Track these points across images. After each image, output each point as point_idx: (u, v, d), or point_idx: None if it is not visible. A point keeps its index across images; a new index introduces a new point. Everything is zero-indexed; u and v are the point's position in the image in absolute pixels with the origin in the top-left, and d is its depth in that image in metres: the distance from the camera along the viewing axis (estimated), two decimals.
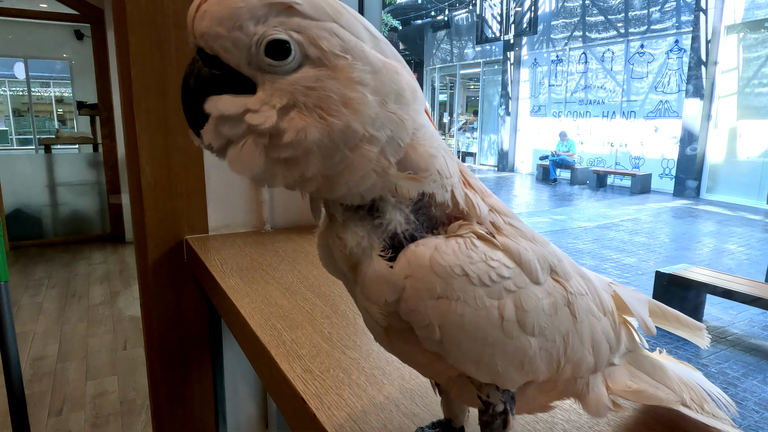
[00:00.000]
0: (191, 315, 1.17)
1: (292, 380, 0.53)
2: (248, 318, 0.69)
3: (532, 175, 13.89)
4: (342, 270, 0.34)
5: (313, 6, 0.28)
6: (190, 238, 1.12)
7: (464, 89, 17.87)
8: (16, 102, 14.44)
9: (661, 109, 11.03)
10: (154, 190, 1.09)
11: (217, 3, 0.27)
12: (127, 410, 2.66)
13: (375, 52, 0.29)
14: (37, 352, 3.28)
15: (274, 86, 0.28)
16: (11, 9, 6.68)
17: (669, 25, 10.69)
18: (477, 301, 0.30)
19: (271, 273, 0.89)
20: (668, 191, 10.80)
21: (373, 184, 0.30)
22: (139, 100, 1.04)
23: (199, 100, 0.29)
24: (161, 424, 1.20)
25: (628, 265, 5.97)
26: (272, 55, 0.28)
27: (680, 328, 0.44)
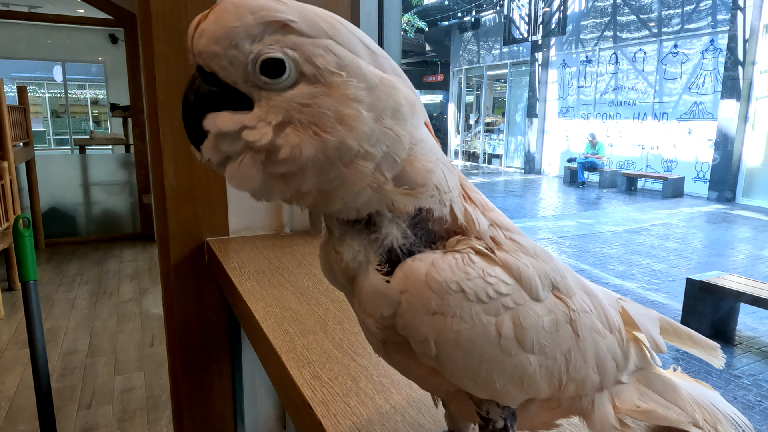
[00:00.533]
0: (212, 315, 1.19)
1: (301, 386, 0.53)
2: (262, 322, 0.70)
3: (559, 178, 13.67)
4: (341, 282, 0.35)
5: (308, 23, 0.28)
6: (211, 240, 1.14)
7: (491, 90, 17.71)
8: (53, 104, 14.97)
9: (696, 111, 10.71)
10: (176, 193, 1.11)
11: (213, 22, 0.28)
12: (153, 406, 2.72)
13: (372, 68, 0.29)
14: (69, 347, 3.39)
15: (270, 103, 0.28)
16: (50, 15, 6.93)
17: (704, 24, 10.38)
18: (473, 318, 0.30)
19: (287, 277, 0.90)
20: (702, 195, 10.48)
21: (368, 199, 0.30)
22: (163, 105, 1.07)
23: (199, 116, 0.30)
24: (181, 421, 1.22)
25: (657, 271, 5.81)
26: (268, 72, 0.28)
27: (693, 346, 0.42)
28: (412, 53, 19.58)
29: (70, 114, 12.77)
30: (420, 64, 20.87)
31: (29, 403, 2.72)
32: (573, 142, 13.57)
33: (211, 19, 0.28)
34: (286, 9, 0.28)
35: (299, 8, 0.29)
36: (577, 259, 6.26)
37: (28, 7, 8.15)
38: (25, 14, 7.58)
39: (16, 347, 3.40)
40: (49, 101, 14.76)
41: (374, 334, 0.33)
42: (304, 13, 0.28)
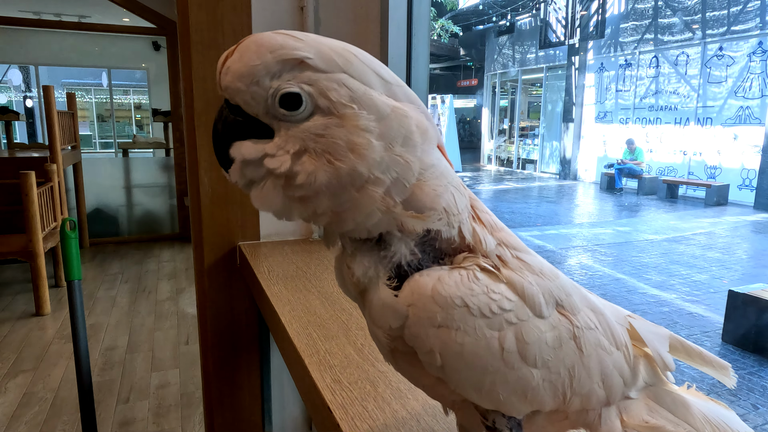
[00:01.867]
0: (242, 317, 1.23)
1: (321, 389, 0.56)
2: (287, 325, 0.73)
3: (596, 184, 13.35)
4: (353, 294, 0.37)
5: (323, 59, 0.30)
6: (242, 245, 1.19)
7: (526, 95, 17.48)
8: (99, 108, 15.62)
9: (742, 116, 10.29)
10: (211, 199, 1.16)
11: (238, 61, 0.30)
12: (187, 403, 2.81)
13: (384, 98, 0.31)
14: (109, 343, 3.53)
15: (288, 133, 0.31)
16: (98, 24, 7.24)
17: (752, 26, 9.97)
18: (477, 332, 0.32)
19: (314, 281, 0.93)
20: (748, 203, 10.04)
21: (378, 220, 0.32)
22: (200, 115, 1.12)
23: (226, 143, 0.32)
24: (212, 419, 1.27)
25: (698, 281, 5.61)
26: (286, 106, 0.30)
27: (704, 365, 0.42)
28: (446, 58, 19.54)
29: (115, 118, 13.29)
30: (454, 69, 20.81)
31: (72, 395, 2.85)
32: (610, 148, 13.24)
33: (236, 57, 0.31)
34: (303, 46, 0.30)
35: (315, 44, 0.31)
36: (613, 267, 6.11)
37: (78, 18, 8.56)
38: (75, 24, 7.96)
39: (61, 342, 3.56)
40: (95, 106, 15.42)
41: (384, 345, 0.35)
42: (320, 49, 0.31)
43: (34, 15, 8.40)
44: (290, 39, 0.31)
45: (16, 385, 2.95)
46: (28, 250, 3.95)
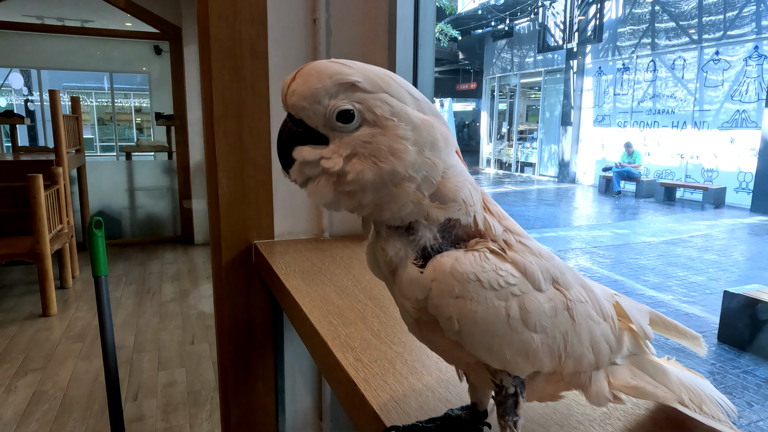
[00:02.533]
0: (257, 313, 1.30)
1: (346, 367, 0.63)
2: (309, 314, 0.79)
3: (594, 187, 13.44)
4: (384, 273, 0.43)
5: (369, 82, 0.37)
6: (258, 243, 1.25)
7: (524, 98, 17.59)
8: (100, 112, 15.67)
9: (738, 119, 10.39)
10: (228, 199, 1.23)
11: (302, 84, 0.37)
12: (194, 400, 2.87)
13: (416, 112, 0.38)
14: (117, 342, 3.58)
15: (341, 141, 0.38)
16: (103, 29, 7.31)
17: (747, 31, 10.08)
18: (488, 302, 0.39)
19: (329, 276, 1.00)
20: (744, 206, 10.12)
21: (410, 210, 0.39)
22: (219, 121, 1.19)
23: (289, 149, 0.39)
24: (228, 411, 1.33)
25: (695, 283, 5.68)
26: (340, 119, 0.37)
27: (679, 337, 0.49)
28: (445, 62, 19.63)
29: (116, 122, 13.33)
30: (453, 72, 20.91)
31: (81, 393, 2.91)
32: (609, 151, 13.34)
33: (300, 81, 0.38)
34: (354, 72, 0.37)
35: (363, 70, 0.38)
36: (611, 269, 6.18)
37: (81, 22, 8.63)
38: (78, 29, 8.03)
39: (68, 342, 3.62)
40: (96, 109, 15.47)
41: (410, 314, 0.42)
42: (366, 74, 0.38)
43: (38, 19, 8.47)
44: (343, 67, 0.38)
45: (25, 384, 3.00)
46: (36, 251, 4.01)
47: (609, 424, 0.51)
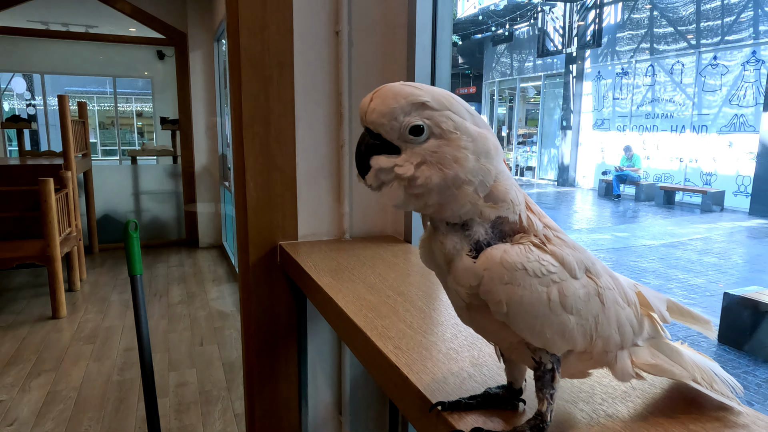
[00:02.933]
0: (281, 310, 1.36)
1: (387, 354, 0.69)
2: (344, 308, 0.86)
3: (593, 191, 13.52)
4: (439, 264, 0.50)
5: (436, 101, 0.44)
6: (283, 244, 1.32)
7: (524, 102, 17.70)
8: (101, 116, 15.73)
9: (736, 123, 10.49)
10: (256, 202, 1.29)
11: (381, 104, 0.44)
12: (206, 400, 2.92)
13: (473, 126, 0.45)
14: (127, 344, 3.65)
15: (412, 151, 0.44)
16: (110, 35, 7.38)
17: (745, 36, 10.19)
18: (531, 288, 0.45)
19: (356, 274, 1.06)
20: (743, 209, 10.21)
21: (467, 210, 0.46)
22: (247, 128, 1.25)
23: (366, 158, 0.46)
24: (253, 404, 1.39)
25: (695, 285, 5.75)
26: (412, 133, 0.44)
27: (693, 322, 0.56)
28: None
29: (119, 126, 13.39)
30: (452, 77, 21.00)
31: (95, 393, 2.96)
32: (608, 155, 13.43)
33: (378, 101, 0.44)
34: (423, 93, 0.44)
35: (430, 91, 0.45)
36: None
37: (85, 28, 8.71)
38: (83, 35, 8.11)
39: (78, 343, 3.67)
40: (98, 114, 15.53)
41: (463, 299, 0.48)
42: (434, 95, 0.44)
43: (43, 25, 8.55)
44: (415, 89, 0.44)
45: (39, 385, 3.06)
46: (46, 254, 4.06)
47: (629, 400, 0.57)
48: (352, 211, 1.40)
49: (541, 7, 14.27)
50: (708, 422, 0.53)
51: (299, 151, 1.32)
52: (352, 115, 1.35)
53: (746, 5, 10.17)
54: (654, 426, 0.52)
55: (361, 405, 1.48)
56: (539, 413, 0.49)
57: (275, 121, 1.28)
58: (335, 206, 1.39)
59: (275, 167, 1.29)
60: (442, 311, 0.86)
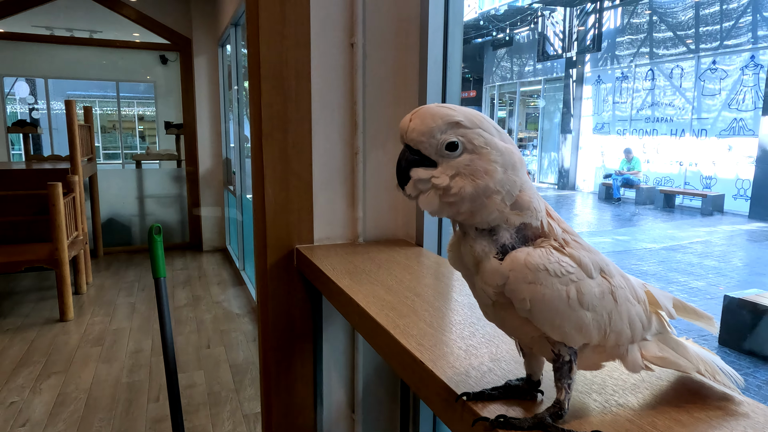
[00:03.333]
0: (297, 312, 1.41)
1: (411, 350, 0.74)
2: (366, 308, 0.91)
3: (594, 194, 13.58)
4: (467, 266, 0.55)
5: (469, 120, 0.49)
6: (299, 247, 1.37)
7: (524, 106, 17.78)
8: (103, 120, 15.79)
9: (735, 127, 10.56)
10: (274, 207, 1.34)
11: (420, 124, 0.49)
12: (214, 401, 2.97)
13: (501, 142, 0.50)
14: (134, 346, 3.69)
15: (447, 164, 0.49)
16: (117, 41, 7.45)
17: (744, 41, 10.27)
18: (552, 286, 0.50)
19: (373, 276, 1.11)
20: (743, 213, 10.26)
21: (495, 217, 0.51)
22: (267, 137, 1.30)
23: (407, 171, 0.51)
24: (270, 401, 1.44)
25: (696, 288, 5.79)
26: (448, 149, 0.49)
27: (697, 318, 0.61)
28: None
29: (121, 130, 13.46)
30: None
31: (104, 395, 3.00)
32: (608, 158, 13.49)
33: (418, 121, 0.50)
34: (457, 114, 0.49)
35: (463, 112, 0.50)
36: None
37: (89, 33, 8.78)
38: (87, 40, 8.17)
39: (87, 345, 3.72)
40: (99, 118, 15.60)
41: (490, 297, 0.53)
42: (466, 115, 0.49)
43: (47, 30, 8.61)
44: (450, 110, 0.49)
45: (49, 386, 3.10)
46: (54, 258, 4.11)
47: (639, 391, 0.62)
48: (365, 215, 1.45)
49: (541, 11, 14.36)
50: (711, 411, 0.57)
51: (315, 158, 1.37)
52: (366, 124, 1.41)
53: (745, 10, 10.25)
54: (662, 414, 0.57)
55: (374, 404, 1.53)
56: (558, 401, 0.54)
57: (293, 129, 1.33)
58: (349, 211, 1.44)
59: (292, 173, 1.34)
60: (458, 311, 0.91)
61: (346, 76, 1.38)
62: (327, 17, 1.33)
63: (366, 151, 1.42)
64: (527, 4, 14.65)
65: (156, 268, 1.50)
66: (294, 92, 1.32)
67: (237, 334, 3.97)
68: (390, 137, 1.45)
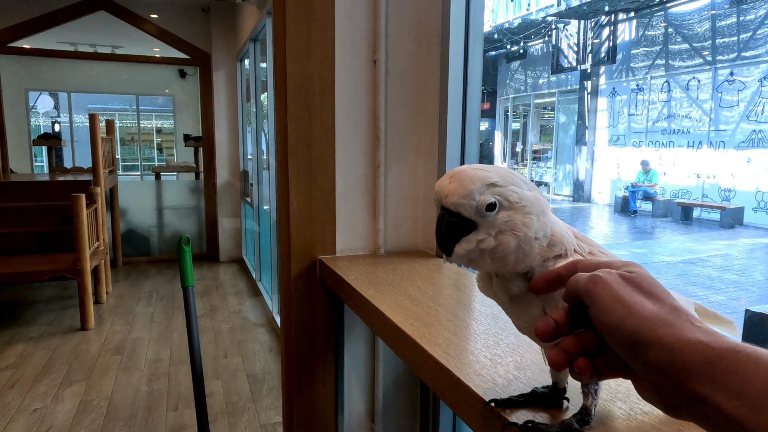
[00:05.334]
0: (319, 321, 1.44)
1: (438, 359, 0.76)
2: (392, 318, 0.93)
3: (609, 206, 13.47)
4: (502, 299, 0.57)
5: (503, 179, 0.52)
6: (322, 258, 1.40)
7: (538, 118, 17.76)
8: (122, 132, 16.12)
9: (755, 139, 10.43)
10: (298, 219, 1.38)
11: (459, 187, 0.52)
12: (232, 411, 2.99)
13: (530, 192, 0.53)
14: (153, 356, 3.74)
15: (488, 223, 0.52)
16: (137, 56, 7.63)
17: (762, 52, 10.19)
18: None
19: (397, 287, 1.14)
20: (763, 226, 10.10)
21: (533, 258, 0.53)
22: (292, 150, 1.34)
23: (448, 235, 0.53)
24: (291, 409, 1.46)
25: (716, 302, 5.71)
26: (488, 209, 0.52)
27: (718, 323, 0.63)
28: None
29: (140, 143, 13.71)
30: None
31: (125, 403, 3.05)
32: (624, 170, 13.39)
33: (456, 185, 0.52)
34: (492, 175, 0.52)
35: (497, 171, 0.53)
36: None
37: (111, 48, 9.02)
38: (110, 55, 8.39)
39: (107, 354, 3.78)
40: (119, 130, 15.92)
41: (527, 323, 0.56)
42: (501, 174, 0.52)
43: (71, 46, 8.87)
44: (485, 172, 0.52)
45: (71, 394, 3.16)
46: (77, 267, 4.20)
47: None
48: (386, 227, 1.48)
49: (555, 24, 14.40)
50: None
51: (338, 172, 1.41)
52: (388, 138, 1.44)
53: (762, 22, 10.18)
54: (686, 424, 0.59)
55: (393, 414, 1.54)
56: (584, 407, 0.56)
57: (317, 143, 1.37)
58: (371, 223, 1.47)
59: (316, 186, 1.38)
60: (482, 320, 0.93)
61: (369, 92, 1.42)
62: (350, 35, 1.38)
63: (387, 164, 1.45)
64: (541, 17, 14.71)
65: (184, 278, 1.54)
66: (319, 108, 1.36)
67: (254, 344, 4.01)
68: (410, 151, 1.48)
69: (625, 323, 0.39)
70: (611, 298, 0.41)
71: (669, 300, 0.40)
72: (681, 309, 0.39)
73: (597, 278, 0.42)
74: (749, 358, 0.33)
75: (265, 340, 4.10)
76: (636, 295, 0.40)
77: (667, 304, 0.40)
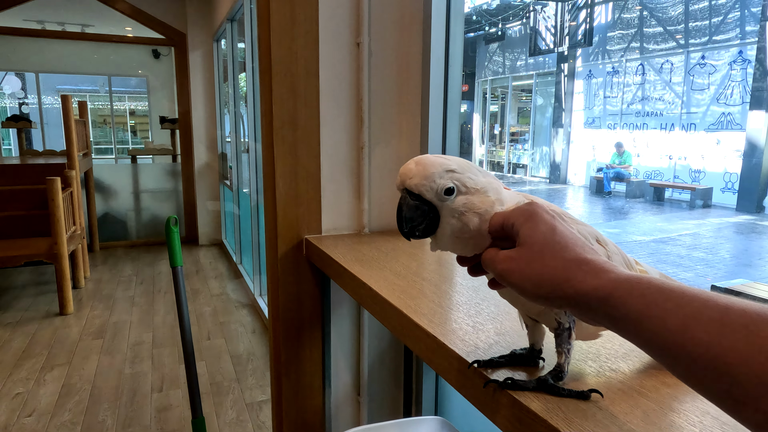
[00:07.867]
0: (306, 299, 1.48)
1: (424, 326, 0.81)
2: (379, 291, 0.98)
3: (585, 188, 13.74)
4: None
5: (460, 167, 0.56)
6: (308, 237, 1.44)
7: (516, 100, 17.89)
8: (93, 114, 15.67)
9: (724, 122, 10.73)
10: (284, 199, 1.41)
11: (422, 171, 0.56)
12: (217, 391, 3.03)
13: (484, 178, 0.58)
14: (135, 339, 3.74)
15: (449, 207, 0.57)
16: (108, 35, 7.41)
17: (732, 36, 10.42)
18: None
19: (382, 263, 1.18)
20: (731, 206, 10.45)
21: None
22: (278, 132, 1.37)
23: (409, 219, 0.58)
24: (280, 385, 1.51)
25: (684, 279, 5.92)
26: (446, 193, 0.56)
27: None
28: None
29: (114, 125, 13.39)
30: None
31: (108, 385, 3.06)
32: (599, 152, 13.64)
33: (419, 168, 0.56)
34: (452, 163, 0.57)
35: (456, 161, 0.57)
36: None
37: (81, 27, 8.73)
38: (79, 34, 8.13)
39: (88, 338, 3.76)
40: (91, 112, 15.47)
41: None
42: (459, 163, 0.57)
43: (39, 24, 8.55)
44: (445, 159, 0.57)
45: (53, 378, 3.15)
46: (53, 252, 4.14)
47: (629, 359, 0.70)
48: (370, 207, 1.52)
49: (533, 6, 14.44)
50: None
51: (323, 152, 1.44)
52: (371, 120, 1.47)
53: (733, 6, 10.40)
54: (650, 377, 0.65)
55: (378, 387, 1.60)
56: (559, 365, 0.62)
57: (302, 124, 1.39)
58: (355, 203, 1.51)
59: (301, 167, 1.41)
60: (463, 293, 0.99)
61: (353, 74, 1.44)
62: (334, 18, 1.40)
63: (371, 145, 1.49)
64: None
65: (173, 257, 1.56)
66: (303, 90, 1.38)
67: (236, 325, 4.04)
68: (394, 133, 1.52)
69: (529, 292, 0.51)
70: (520, 276, 0.51)
71: (562, 254, 0.49)
72: (571, 260, 0.48)
73: (500, 263, 0.53)
74: (626, 290, 0.45)
75: (248, 321, 4.13)
76: (535, 263, 0.50)
77: (560, 259, 0.49)
